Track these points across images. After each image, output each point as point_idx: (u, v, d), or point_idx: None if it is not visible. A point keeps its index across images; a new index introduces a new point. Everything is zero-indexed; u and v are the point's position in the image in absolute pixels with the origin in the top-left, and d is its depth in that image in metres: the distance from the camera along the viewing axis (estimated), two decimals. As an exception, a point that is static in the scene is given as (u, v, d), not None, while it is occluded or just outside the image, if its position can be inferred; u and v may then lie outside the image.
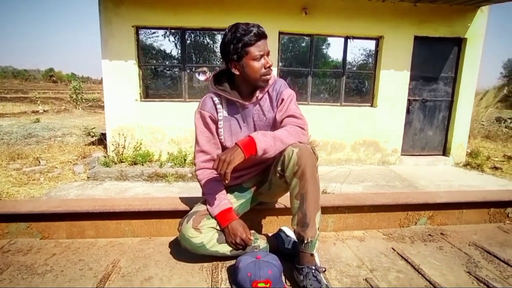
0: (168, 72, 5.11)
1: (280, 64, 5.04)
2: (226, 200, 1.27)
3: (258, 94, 1.27)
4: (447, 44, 5.15)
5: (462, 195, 1.88)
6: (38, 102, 12.26)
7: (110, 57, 4.57)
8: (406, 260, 1.38)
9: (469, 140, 5.80)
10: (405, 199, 1.74)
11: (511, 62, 20.56)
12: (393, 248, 1.50)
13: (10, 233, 1.44)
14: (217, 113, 1.29)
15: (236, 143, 1.12)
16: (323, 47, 5.25)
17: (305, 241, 1.12)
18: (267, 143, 1.12)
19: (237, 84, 1.28)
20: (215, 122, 1.30)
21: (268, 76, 1.24)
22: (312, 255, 1.14)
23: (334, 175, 4.44)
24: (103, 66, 4.58)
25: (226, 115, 1.30)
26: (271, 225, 1.60)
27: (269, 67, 1.22)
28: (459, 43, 5.16)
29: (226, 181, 1.11)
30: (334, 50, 5.21)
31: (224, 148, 1.33)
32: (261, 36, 1.18)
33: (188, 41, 4.91)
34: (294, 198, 1.14)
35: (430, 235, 1.68)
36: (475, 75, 5.23)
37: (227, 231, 1.22)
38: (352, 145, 5.21)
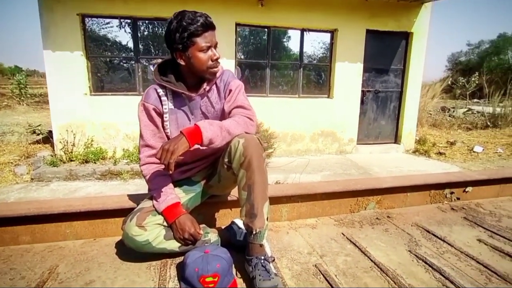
0: (120, 64, 4.81)
1: (238, 56, 4.99)
2: (173, 195, 1.23)
3: (205, 85, 1.23)
4: (396, 37, 5.47)
5: (406, 179, 2.01)
6: (-27, 98, 10.90)
7: (53, 47, 4.17)
8: (354, 244, 1.45)
9: (417, 128, 6.26)
10: (354, 185, 1.82)
11: (454, 56, 22.50)
12: (343, 233, 1.57)
13: None
14: (162, 105, 1.23)
15: (181, 131, 1.07)
16: (282, 39, 5.29)
17: (254, 232, 1.12)
18: (213, 132, 1.09)
19: (182, 75, 1.23)
20: (160, 115, 1.25)
21: (215, 69, 1.20)
22: (261, 245, 1.14)
23: (294, 165, 4.55)
24: (45, 57, 4.17)
25: (172, 107, 1.25)
26: (224, 218, 1.59)
27: (216, 59, 1.18)
28: (406, 37, 5.51)
29: (170, 171, 1.07)
30: (292, 42, 5.28)
31: None
32: (209, 26, 1.13)
33: (142, 32, 4.65)
34: (242, 190, 1.13)
35: (377, 218, 1.78)
36: (421, 67, 5.64)
37: (175, 226, 1.18)
38: (311, 136, 5.36)
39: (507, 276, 1.21)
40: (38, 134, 5.52)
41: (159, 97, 1.23)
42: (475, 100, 12.08)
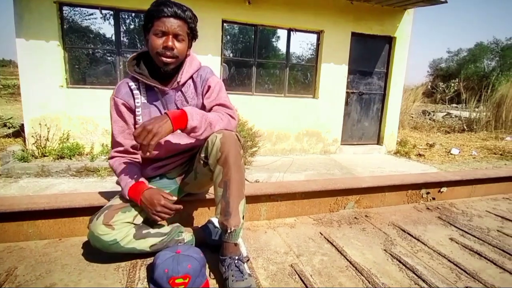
0: (101, 56, 4.64)
1: (225, 53, 4.93)
2: (137, 176, 1.18)
3: (178, 78, 1.18)
4: (379, 41, 5.57)
5: (384, 179, 2.03)
6: None
7: (26, 36, 3.96)
8: (331, 243, 1.44)
9: (399, 130, 6.42)
10: (334, 185, 1.82)
11: (435, 62, 23.34)
12: (320, 233, 1.56)
13: None
14: (134, 99, 1.18)
15: (166, 113, 1.03)
16: (270, 38, 5.27)
17: (229, 231, 1.08)
18: (199, 121, 1.07)
19: (154, 66, 1.17)
20: (131, 110, 1.19)
21: (165, 59, 1.11)
22: (236, 244, 1.11)
23: (278, 164, 4.54)
24: (18, 46, 3.95)
25: (145, 101, 1.19)
26: (201, 217, 1.54)
27: (167, 47, 1.09)
28: (389, 41, 5.62)
29: (148, 154, 1.01)
30: (279, 42, 5.27)
31: None
32: (172, 14, 1.08)
33: (126, 25, 4.50)
34: (218, 186, 1.09)
35: (356, 218, 1.79)
36: (403, 71, 5.77)
37: (144, 204, 1.12)
38: (296, 135, 5.38)
39: (476, 274, 1.23)
40: (9, 128, 5.24)
41: (131, 90, 1.18)
42: (454, 105, 12.54)
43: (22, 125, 4.69)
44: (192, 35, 1.17)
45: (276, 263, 1.25)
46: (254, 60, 5.04)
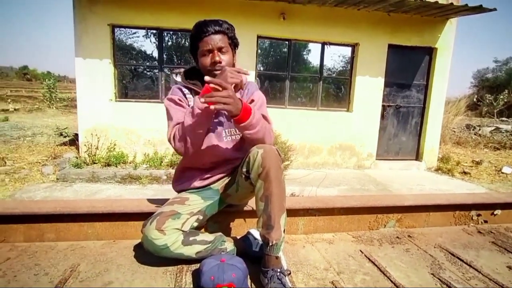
0: (145, 72, 5.01)
1: (259, 67, 5.06)
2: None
3: None
4: (419, 53, 5.38)
5: (429, 198, 1.94)
6: (9, 100, 11.62)
7: (84, 55, 4.41)
8: (373, 263, 1.40)
9: (440, 145, 6.05)
10: (374, 201, 1.77)
11: (480, 72, 21.75)
12: (361, 251, 1.52)
13: (-40, 237, 1.34)
14: (187, 102, 1.28)
15: (240, 99, 1.10)
16: (302, 52, 5.34)
17: (270, 244, 1.11)
18: (256, 120, 1.14)
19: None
20: (187, 106, 1.28)
21: (215, 72, 1.19)
22: (277, 257, 1.13)
23: (310, 178, 4.49)
24: (76, 65, 4.42)
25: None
26: (240, 228, 1.59)
27: (215, 62, 1.19)
28: (430, 52, 5.41)
29: (213, 107, 1.02)
30: (312, 55, 5.31)
31: None
32: (211, 32, 1.18)
33: (166, 42, 4.84)
34: (259, 200, 1.13)
35: (398, 237, 1.72)
36: (445, 83, 5.49)
37: (213, 84, 1.05)
38: (328, 149, 5.30)
39: (540, 308, 1.12)
40: (65, 137, 5.79)
41: (184, 95, 1.30)
42: (503, 118, 11.56)
43: (76, 134, 5.17)
44: (234, 43, 1.27)
45: (317, 279, 1.25)
46: (287, 74, 5.12)
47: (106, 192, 3.59)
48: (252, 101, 1.30)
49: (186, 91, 1.29)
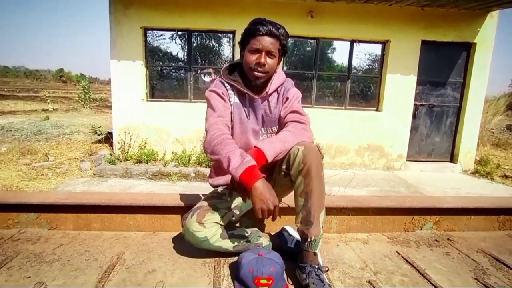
0: (174, 73, 5.16)
1: (285, 67, 5.05)
2: (249, 157, 1.08)
3: (267, 89, 1.28)
4: (455, 49, 5.11)
5: (470, 200, 1.85)
6: (48, 101, 12.45)
7: (118, 57, 4.63)
8: (411, 264, 1.36)
9: (477, 147, 5.71)
10: (410, 203, 1.72)
11: (521, 69, 20.20)
12: (397, 252, 1.48)
13: (20, 222, 1.47)
14: (229, 97, 1.30)
15: (249, 186, 1.04)
16: (329, 50, 5.25)
17: (309, 239, 1.11)
18: (275, 149, 1.14)
19: (246, 77, 1.29)
20: (227, 101, 1.29)
21: (256, 73, 1.21)
22: (315, 254, 1.13)
23: (337, 178, 4.41)
24: (112, 66, 4.64)
25: (238, 102, 1.31)
26: (273, 224, 1.59)
27: (259, 64, 1.19)
28: (468, 48, 5.11)
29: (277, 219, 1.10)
30: (340, 54, 5.20)
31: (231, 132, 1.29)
32: (266, 33, 1.17)
33: (195, 43, 4.96)
34: (299, 196, 1.14)
35: (436, 240, 1.65)
36: (485, 81, 5.17)
37: (255, 193, 1.03)
38: (356, 149, 5.18)
39: None
40: (99, 135, 6.12)
41: (226, 90, 1.30)
42: (549, 119, 10.64)
43: (109, 132, 5.44)
44: (283, 51, 1.26)
45: (353, 277, 1.23)
46: (314, 73, 5.06)
47: (138, 188, 3.75)
48: (287, 98, 1.31)
49: (228, 86, 1.30)
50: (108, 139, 5.54)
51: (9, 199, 1.45)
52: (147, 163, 4.44)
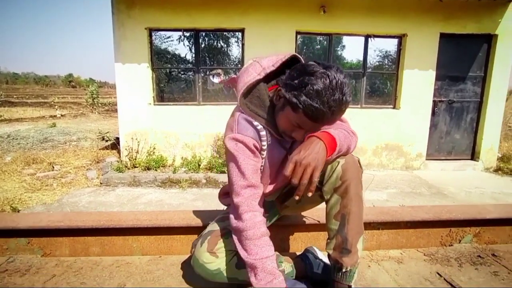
0: (181, 75, 5.02)
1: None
2: (281, 277, 0.93)
3: None
4: (475, 41, 4.82)
5: (513, 208, 1.63)
6: (56, 107, 12.55)
7: (123, 60, 4.51)
8: (458, 290, 1.16)
9: (500, 143, 5.41)
10: (448, 214, 1.52)
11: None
12: (438, 273, 1.29)
13: (10, 249, 1.32)
14: (261, 141, 0.98)
15: (315, 136, 0.87)
16: (342, 46, 5.03)
17: (344, 270, 0.93)
18: (341, 142, 0.92)
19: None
20: (259, 150, 1.00)
21: (286, 138, 0.99)
22: (349, 287, 0.94)
23: (355, 181, 4.19)
24: (116, 70, 4.53)
25: (270, 142, 1.02)
26: (295, 242, 1.42)
27: (292, 137, 0.97)
28: (489, 40, 4.82)
29: (310, 194, 0.85)
30: (353, 49, 4.97)
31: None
32: (331, 121, 0.88)
33: (202, 44, 4.80)
34: (333, 218, 0.95)
35: (479, 256, 1.45)
36: (507, 74, 4.87)
37: None
38: (373, 149, 4.94)
39: None
40: (107, 141, 6.03)
41: (257, 131, 0.97)
42: None
43: (117, 138, 5.33)
44: None
45: (394, 311, 1.04)
46: (327, 71, 4.84)
47: (147, 197, 3.61)
48: None
49: (258, 125, 0.97)
50: (115, 145, 5.44)
51: (-3, 222, 1.31)
52: (156, 170, 4.31)
